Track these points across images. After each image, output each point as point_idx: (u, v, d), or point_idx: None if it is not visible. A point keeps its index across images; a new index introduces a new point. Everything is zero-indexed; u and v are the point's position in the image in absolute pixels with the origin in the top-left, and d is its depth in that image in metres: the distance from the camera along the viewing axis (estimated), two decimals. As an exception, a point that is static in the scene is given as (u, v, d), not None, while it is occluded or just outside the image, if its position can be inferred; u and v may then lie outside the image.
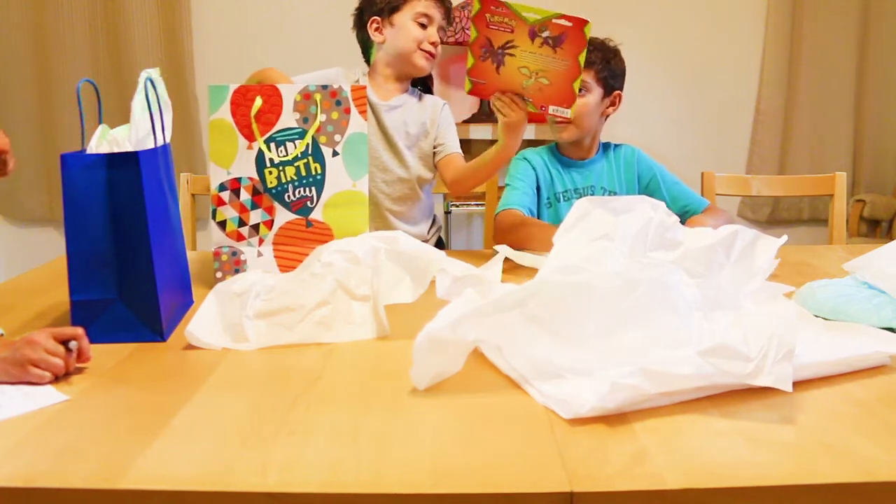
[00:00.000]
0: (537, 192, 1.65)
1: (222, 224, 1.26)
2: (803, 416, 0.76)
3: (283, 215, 1.27)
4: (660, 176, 1.66)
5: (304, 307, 1.02)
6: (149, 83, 1.05)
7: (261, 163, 1.25)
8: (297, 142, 1.25)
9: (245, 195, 1.25)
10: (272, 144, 1.25)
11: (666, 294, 0.88)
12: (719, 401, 0.79)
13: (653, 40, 2.90)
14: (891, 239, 2.19)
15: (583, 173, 1.67)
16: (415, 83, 1.76)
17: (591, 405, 0.74)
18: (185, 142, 2.87)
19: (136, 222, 0.99)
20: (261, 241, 1.26)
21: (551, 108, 1.34)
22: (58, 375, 0.87)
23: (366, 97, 1.26)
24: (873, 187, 3.03)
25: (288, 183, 1.26)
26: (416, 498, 0.63)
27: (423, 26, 1.63)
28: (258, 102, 1.23)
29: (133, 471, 0.66)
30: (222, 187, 1.25)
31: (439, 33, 1.65)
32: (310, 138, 1.25)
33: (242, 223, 1.26)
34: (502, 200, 1.61)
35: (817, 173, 1.96)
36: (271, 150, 1.24)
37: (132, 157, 0.98)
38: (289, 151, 1.25)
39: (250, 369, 0.92)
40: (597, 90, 1.60)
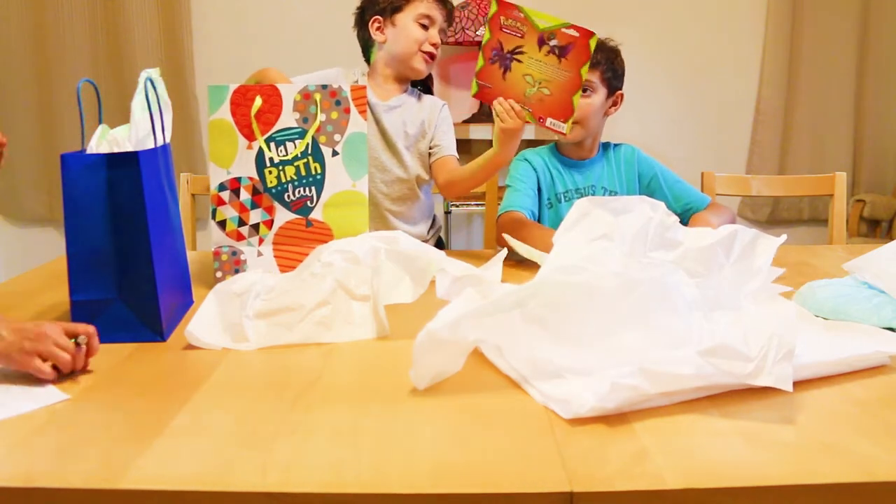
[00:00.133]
0: (538, 193, 1.65)
1: (222, 224, 1.26)
2: (803, 416, 0.76)
3: (282, 215, 1.27)
4: (661, 175, 1.66)
5: (304, 307, 1.02)
6: (149, 83, 1.05)
7: (261, 162, 1.25)
8: (296, 141, 1.25)
9: (245, 195, 1.25)
10: (272, 144, 1.25)
11: (666, 294, 0.88)
12: (719, 401, 0.79)
13: (653, 40, 2.90)
14: (891, 239, 2.20)
15: (583, 173, 1.67)
16: (414, 83, 1.76)
17: (591, 405, 0.74)
18: (185, 142, 2.87)
19: (136, 222, 0.99)
20: (261, 241, 1.26)
21: (549, 121, 1.35)
22: (63, 371, 0.87)
23: (366, 97, 1.26)
24: (873, 187, 3.03)
25: (288, 183, 1.26)
26: (416, 498, 0.63)
27: (424, 27, 1.63)
28: (258, 102, 1.23)
29: (133, 471, 0.66)
30: (222, 187, 1.25)
31: (440, 35, 1.65)
32: (310, 138, 1.25)
33: (242, 223, 1.26)
34: (504, 202, 1.61)
35: (817, 173, 1.96)
36: (271, 150, 1.25)
37: (132, 157, 0.98)
38: (289, 151, 1.25)
39: (250, 369, 0.92)
40: (601, 90, 1.61)
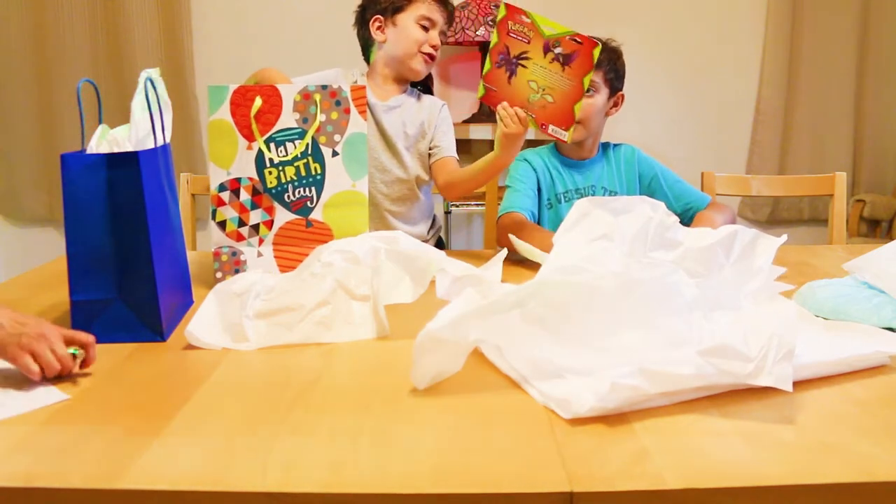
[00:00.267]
0: (538, 193, 1.65)
1: (222, 224, 1.26)
2: (803, 416, 0.76)
3: (282, 215, 1.27)
4: (661, 175, 1.66)
5: (304, 307, 1.02)
6: (149, 83, 1.05)
7: (260, 163, 1.25)
8: (296, 142, 1.25)
9: (245, 195, 1.25)
10: (272, 145, 1.25)
11: (666, 294, 0.88)
12: (719, 401, 0.79)
13: (653, 40, 2.90)
14: (891, 239, 2.20)
15: (583, 173, 1.67)
16: (414, 83, 1.76)
17: (591, 405, 0.74)
18: (185, 142, 2.87)
19: (136, 222, 0.99)
20: (261, 242, 1.26)
21: (551, 128, 1.36)
22: (47, 376, 0.86)
23: (365, 97, 1.26)
24: (873, 187, 3.03)
25: (288, 183, 1.26)
26: (416, 498, 0.63)
27: (424, 28, 1.63)
28: (258, 103, 1.23)
29: (133, 471, 0.66)
30: (222, 187, 1.25)
31: (440, 37, 1.65)
32: (309, 138, 1.25)
33: (242, 223, 1.26)
34: (504, 203, 1.61)
35: (817, 173, 1.96)
36: (271, 151, 1.24)
37: (132, 157, 0.98)
38: (288, 151, 1.25)
39: (250, 369, 0.92)
40: (604, 90, 1.61)
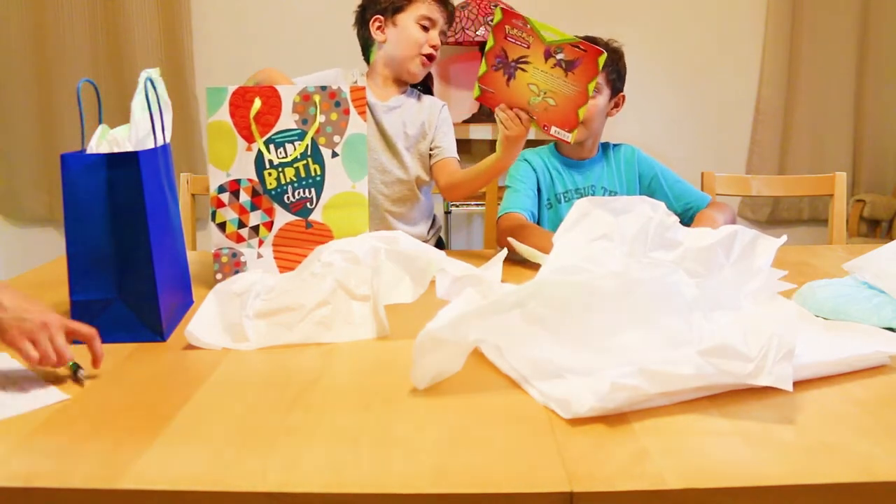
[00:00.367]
0: (538, 193, 1.65)
1: (222, 226, 1.26)
2: (803, 416, 0.76)
3: (282, 217, 1.26)
4: (661, 175, 1.66)
5: (304, 307, 1.02)
6: (149, 83, 1.05)
7: (260, 164, 1.25)
8: (296, 143, 1.25)
9: (244, 197, 1.25)
10: (271, 146, 1.24)
11: (666, 294, 0.88)
12: (719, 401, 0.79)
13: (653, 40, 2.90)
14: (891, 239, 2.20)
15: (583, 173, 1.67)
16: (414, 83, 1.75)
17: (591, 405, 0.74)
18: (185, 142, 2.87)
19: (136, 222, 0.99)
20: (260, 243, 1.26)
21: (553, 129, 1.35)
22: (41, 365, 0.86)
23: (365, 98, 1.26)
24: (873, 187, 3.03)
25: (287, 184, 1.26)
26: (416, 498, 0.63)
27: (425, 28, 1.63)
28: (257, 104, 1.23)
29: (133, 471, 0.66)
30: (221, 189, 1.25)
31: (440, 37, 1.65)
32: (309, 140, 1.25)
33: (242, 225, 1.26)
34: (503, 204, 1.61)
35: (817, 173, 1.96)
36: (270, 152, 1.24)
37: (132, 157, 0.98)
38: (288, 153, 1.25)
39: (250, 369, 0.92)
40: (606, 91, 1.62)
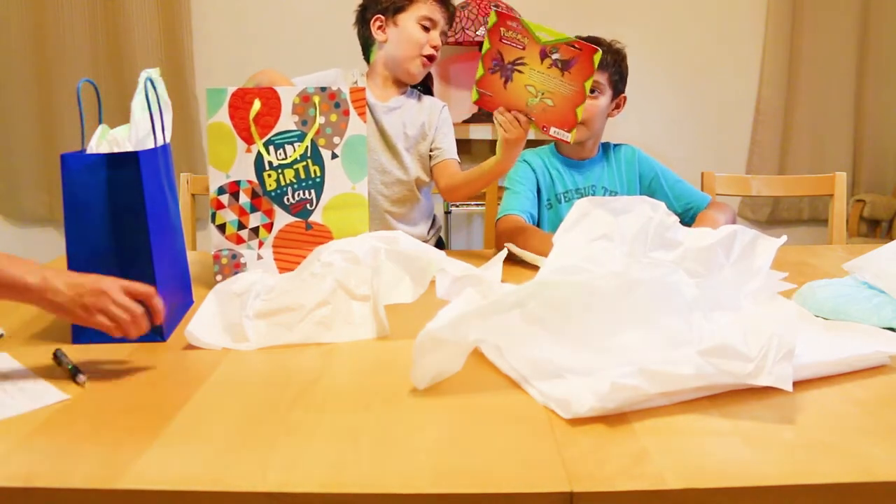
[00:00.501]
0: (538, 194, 1.65)
1: (222, 227, 1.26)
2: (803, 416, 0.76)
3: (282, 218, 1.26)
4: (661, 175, 1.66)
5: (304, 307, 1.02)
6: (149, 83, 1.05)
7: (260, 166, 1.25)
8: (296, 144, 1.25)
9: (244, 198, 1.25)
10: (271, 147, 1.24)
11: (666, 294, 0.88)
12: (719, 401, 0.79)
13: (653, 40, 2.90)
14: (891, 239, 2.20)
15: (584, 173, 1.67)
16: (414, 84, 1.75)
17: (591, 405, 0.74)
18: (185, 142, 2.87)
19: (136, 222, 0.99)
20: (260, 244, 1.26)
21: (552, 130, 1.35)
22: (128, 335, 0.87)
23: (364, 99, 1.26)
24: (873, 187, 3.03)
25: (287, 186, 1.26)
26: (416, 498, 0.63)
27: (426, 29, 1.63)
28: (256, 105, 1.23)
29: (133, 471, 0.66)
30: (221, 191, 1.25)
31: (441, 37, 1.65)
32: (309, 141, 1.25)
33: (242, 226, 1.26)
34: (502, 205, 1.61)
35: (817, 173, 1.96)
36: (270, 153, 1.24)
37: (132, 157, 0.98)
38: (288, 154, 1.25)
39: (250, 369, 0.92)
40: (608, 92, 1.62)
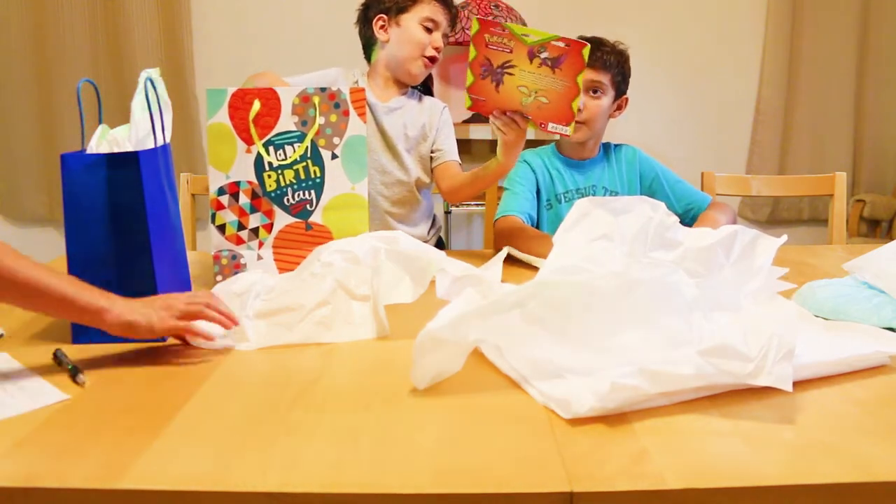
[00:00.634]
0: (537, 194, 1.65)
1: (222, 228, 1.26)
2: (803, 416, 0.76)
3: (282, 219, 1.26)
4: (662, 175, 1.66)
5: (304, 307, 1.02)
6: (149, 83, 1.05)
7: (259, 166, 1.25)
8: (295, 145, 1.25)
9: (244, 199, 1.25)
10: (271, 148, 1.24)
11: (666, 294, 0.88)
12: (719, 401, 0.79)
13: (653, 40, 2.90)
14: (891, 239, 2.19)
15: (584, 173, 1.67)
16: (413, 85, 1.75)
17: (591, 405, 0.74)
18: (185, 142, 2.87)
19: (136, 222, 0.99)
20: (260, 245, 1.26)
21: (551, 126, 1.34)
22: (227, 326, 0.96)
23: (364, 99, 1.26)
24: (873, 187, 3.03)
25: (287, 186, 1.26)
26: (416, 498, 0.63)
27: (428, 30, 1.63)
28: (256, 106, 1.23)
29: (133, 471, 0.66)
30: (221, 191, 1.25)
31: (443, 39, 1.65)
32: (309, 141, 1.25)
33: (242, 227, 1.26)
34: (501, 206, 1.61)
35: (817, 173, 1.96)
36: (270, 154, 1.24)
37: (132, 157, 0.98)
38: (287, 155, 1.25)
39: (250, 369, 0.92)
40: (610, 93, 1.62)
